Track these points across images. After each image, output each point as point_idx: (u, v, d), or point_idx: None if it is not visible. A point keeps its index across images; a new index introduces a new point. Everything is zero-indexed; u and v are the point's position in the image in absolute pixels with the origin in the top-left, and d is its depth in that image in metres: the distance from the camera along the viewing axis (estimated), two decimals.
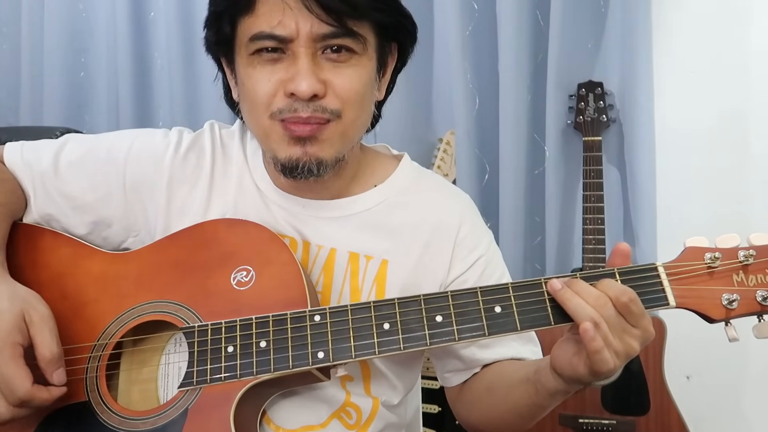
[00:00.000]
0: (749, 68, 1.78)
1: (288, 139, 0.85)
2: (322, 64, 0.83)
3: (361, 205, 0.96)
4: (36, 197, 0.96)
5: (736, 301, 0.76)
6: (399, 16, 0.89)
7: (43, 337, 0.79)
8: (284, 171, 0.87)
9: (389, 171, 0.99)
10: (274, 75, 0.83)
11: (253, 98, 0.85)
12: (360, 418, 0.94)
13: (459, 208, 0.99)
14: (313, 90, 0.81)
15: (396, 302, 0.80)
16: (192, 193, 0.96)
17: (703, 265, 0.77)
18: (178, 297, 0.86)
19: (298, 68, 0.82)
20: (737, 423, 1.85)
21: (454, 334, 0.78)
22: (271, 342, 0.80)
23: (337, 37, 0.82)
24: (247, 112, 0.89)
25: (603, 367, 0.73)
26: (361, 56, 0.85)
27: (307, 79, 0.81)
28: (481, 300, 0.78)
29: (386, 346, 0.78)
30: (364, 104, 0.88)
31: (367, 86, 0.88)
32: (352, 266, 0.93)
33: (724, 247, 0.78)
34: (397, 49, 0.94)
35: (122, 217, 0.96)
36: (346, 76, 0.84)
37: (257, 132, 0.89)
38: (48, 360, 0.78)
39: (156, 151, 0.97)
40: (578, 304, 0.74)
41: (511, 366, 0.94)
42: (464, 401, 0.98)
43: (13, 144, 0.99)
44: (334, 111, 0.84)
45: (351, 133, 0.89)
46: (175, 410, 0.81)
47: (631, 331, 0.74)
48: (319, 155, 0.85)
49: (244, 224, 0.90)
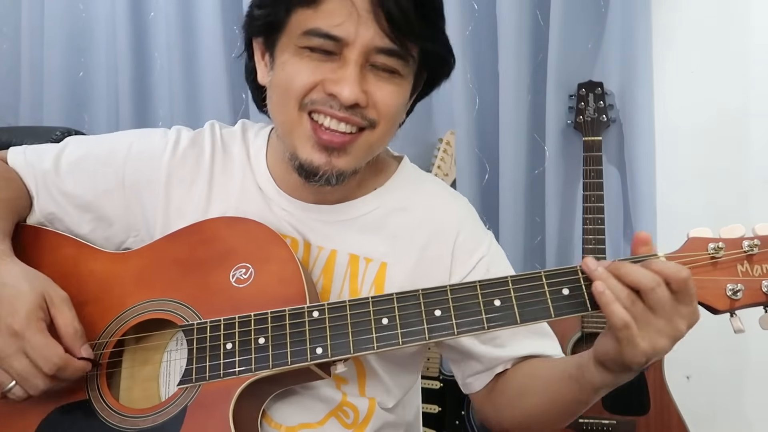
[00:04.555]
0: (749, 68, 1.78)
1: (314, 142, 0.84)
2: (367, 76, 0.83)
3: (362, 209, 0.96)
4: (39, 197, 0.97)
5: (740, 292, 0.74)
6: (446, 53, 0.90)
7: (65, 316, 0.81)
8: (300, 171, 0.86)
9: (389, 174, 1.00)
10: (318, 71, 0.83)
11: (288, 86, 0.84)
12: (357, 417, 0.94)
13: (457, 212, 0.99)
14: (356, 98, 0.81)
15: (395, 297, 0.79)
16: (190, 191, 0.96)
17: (707, 256, 0.75)
18: (178, 295, 0.86)
19: (346, 74, 0.81)
20: (737, 423, 1.85)
21: (453, 328, 0.77)
22: (269, 338, 0.80)
23: (391, 54, 0.82)
24: (276, 98, 0.87)
25: (632, 347, 0.71)
26: (403, 77, 0.86)
27: (352, 87, 0.81)
28: (480, 294, 0.78)
29: (385, 341, 0.78)
30: (395, 122, 0.89)
31: (402, 105, 0.89)
32: (351, 268, 0.93)
33: (728, 237, 0.76)
34: (425, 80, 0.94)
35: (122, 216, 0.97)
36: (388, 92, 0.85)
37: (282, 121, 0.88)
38: (72, 336, 0.81)
39: (154, 151, 0.97)
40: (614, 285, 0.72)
41: (544, 365, 0.92)
42: (494, 405, 0.97)
43: (16, 148, 1.01)
44: (372, 120, 0.84)
45: (376, 148, 0.89)
46: (174, 407, 0.81)
47: (681, 310, 0.71)
48: (341, 167, 0.85)
49: (243, 222, 0.90)
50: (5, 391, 0.79)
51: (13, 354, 0.77)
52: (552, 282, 0.77)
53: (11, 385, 0.78)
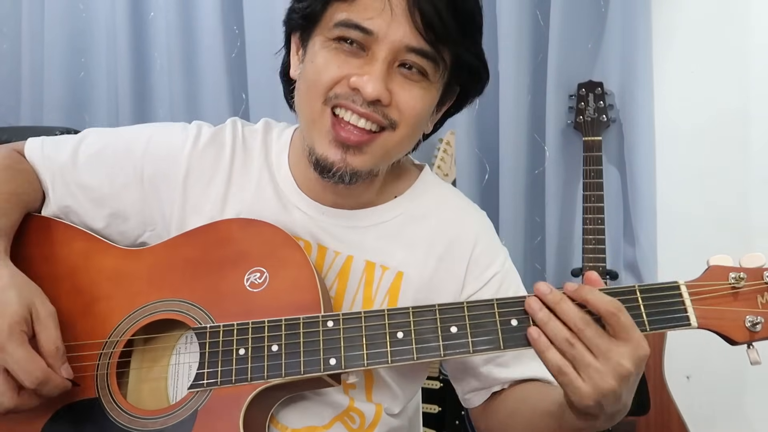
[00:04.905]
0: (749, 68, 1.78)
1: (332, 138, 0.84)
2: (393, 76, 0.82)
3: (381, 217, 0.95)
4: (55, 189, 0.96)
5: (760, 324, 0.73)
6: (479, 63, 0.89)
7: (49, 332, 0.79)
8: (316, 166, 0.86)
9: (410, 182, 0.99)
10: (345, 65, 0.82)
11: (315, 78, 0.84)
12: (363, 422, 0.93)
13: (476, 225, 0.99)
14: (378, 95, 0.80)
15: (411, 311, 0.78)
16: (208, 188, 0.95)
17: (727, 285, 0.74)
18: (190, 296, 0.86)
19: (372, 70, 0.81)
20: (737, 423, 1.84)
21: (469, 347, 0.76)
22: (283, 346, 0.79)
23: (421, 54, 0.81)
24: (303, 91, 0.87)
25: (573, 392, 0.69)
26: (431, 83, 0.85)
27: (375, 82, 0.80)
28: (498, 312, 0.76)
29: (399, 355, 0.77)
30: (417, 127, 0.88)
31: (426, 111, 0.87)
32: (367, 275, 0.93)
33: (749, 267, 0.75)
34: (458, 94, 0.93)
35: (139, 210, 0.96)
36: (413, 95, 0.83)
37: (305, 113, 0.87)
38: (53, 354, 0.78)
39: (174, 145, 0.96)
40: (555, 326, 0.71)
41: (536, 393, 0.90)
42: (487, 422, 0.97)
43: (34, 139, 0.99)
44: (393, 121, 0.83)
45: (394, 151, 0.88)
46: (184, 411, 0.80)
47: (619, 347, 0.69)
48: (356, 166, 0.84)
49: (258, 225, 0.89)
50: None
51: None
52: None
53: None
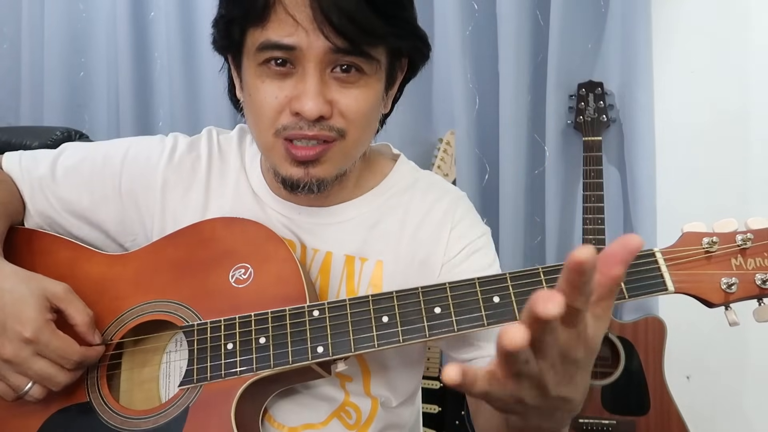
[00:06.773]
0: (749, 68, 1.78)
1: (291, 159, 0.83)
2: (329, 83, 0.81)
3: (357, 210, 0.95)
4: (34, 201, 0.97)
5: (735, 285, 0.75)
6: (416, 39, 0.87)
7: (76, 305, 0.83)
8: (284, 185, 0.86)
9: (385, 173, 0.99)
10: (281, 92, 0.81)
11: (259, 112, 0.83)
12: (360, 417, 0.94)
13: (453, 205, 0.98)
14: (319, 111, 0.79)
15: (394, 295, 0.80)
16: (186, 197, 0.96)
17: (701, 250, 0.76)
18: (177, 296, 0.86)
19: (306, 87, 0.79)
20: (737, 423, 1.85)
21: (453, 326, 0.77)
22: (270, 338, 0.80)
23: (348, 54, 0.80)
24: (252, 123, 0.88)
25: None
26: (371, 77, 0.83)
27: (313, 99, 0.79)
28: (480, 291, 0.78)
29: (385, 339, 0.78)
30: (369, 124, 0.87)
31: (374, 106, 0.86)
32: (348, 269, 0.93)
33: (722, 232, 0.77)
34: (407, 63, 0.92)
35: (119, 221, 0.97)
36: (353, 97, 0.82)
37: (260, 143, 0.88)
38: (88, 323, 0.83)
39: (151, 156, 0.97)
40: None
41: None
42: (472, 413, 0.96)
43: (11, 153, 1.00)
44: (340, 130, 0.83)
45: (353, 152, 0.88)
46: (176, 408, 0.81)
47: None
48: (320, 176, 0.84)
49: (241, 222, 0.90)
50: (22, 394, 0.79)
51: (29, 357, 0.78)
52: (550, 279, 0.77)
53: (28, 387, 0.79)
